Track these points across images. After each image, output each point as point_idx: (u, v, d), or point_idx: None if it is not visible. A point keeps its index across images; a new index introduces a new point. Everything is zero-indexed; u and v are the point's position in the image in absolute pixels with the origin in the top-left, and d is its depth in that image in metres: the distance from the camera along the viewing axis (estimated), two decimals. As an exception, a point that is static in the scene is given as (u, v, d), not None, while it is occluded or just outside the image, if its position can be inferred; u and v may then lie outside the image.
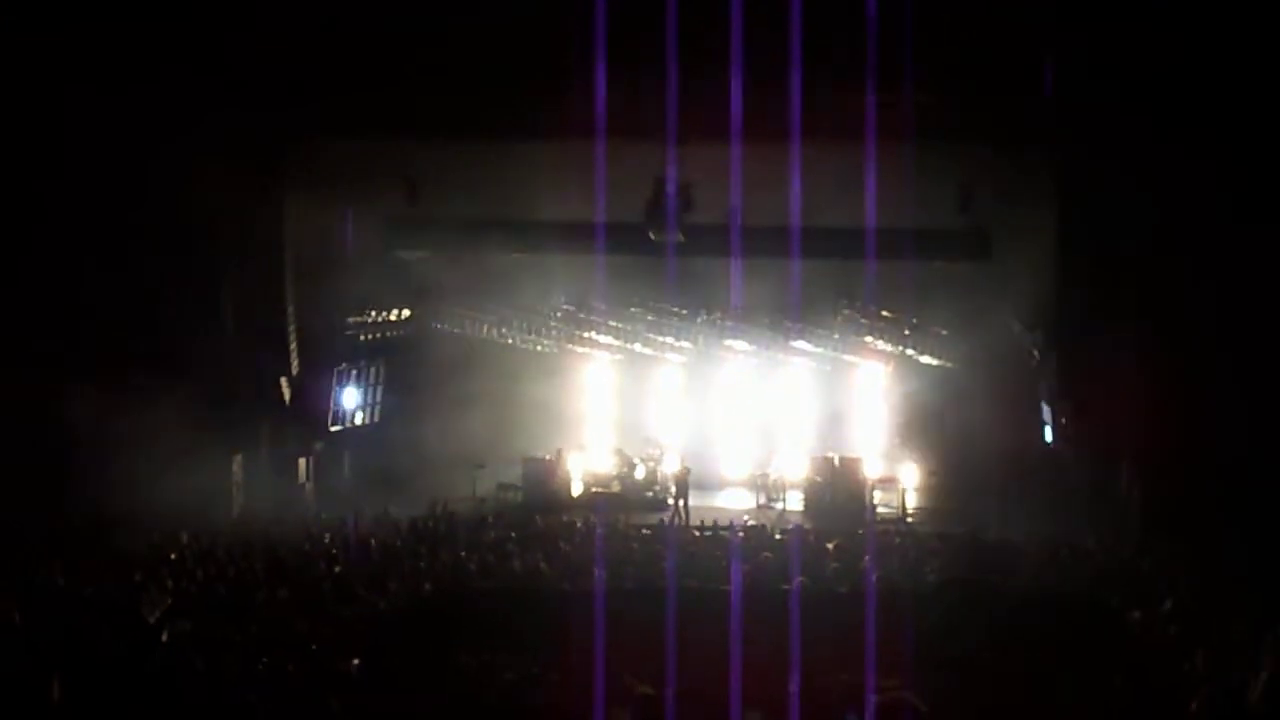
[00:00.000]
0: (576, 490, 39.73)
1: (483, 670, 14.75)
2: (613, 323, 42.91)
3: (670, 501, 38.00)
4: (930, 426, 40.50)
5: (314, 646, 16.88)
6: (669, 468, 39.70)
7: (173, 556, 26.09)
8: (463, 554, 27.32)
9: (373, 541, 28.36)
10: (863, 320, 41.68)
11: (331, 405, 39.37)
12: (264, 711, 11.82)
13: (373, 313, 40.57)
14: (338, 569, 24.59)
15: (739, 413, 43.60)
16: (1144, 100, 30.94)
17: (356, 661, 15.40)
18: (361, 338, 40.45)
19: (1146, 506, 32.15)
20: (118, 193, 31.10)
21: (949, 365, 41.07)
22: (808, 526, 33.93)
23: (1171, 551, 27.11)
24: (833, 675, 13.29)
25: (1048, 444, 37.10)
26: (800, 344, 42.75)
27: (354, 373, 40.63)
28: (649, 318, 42.84)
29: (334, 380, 39.42)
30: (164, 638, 14.03)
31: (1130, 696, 14.18)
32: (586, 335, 43.28)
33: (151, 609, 15.65)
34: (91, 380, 30.17)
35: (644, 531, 31.77)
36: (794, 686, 12.56)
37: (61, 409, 30.54)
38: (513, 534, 30.56)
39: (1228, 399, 30.69)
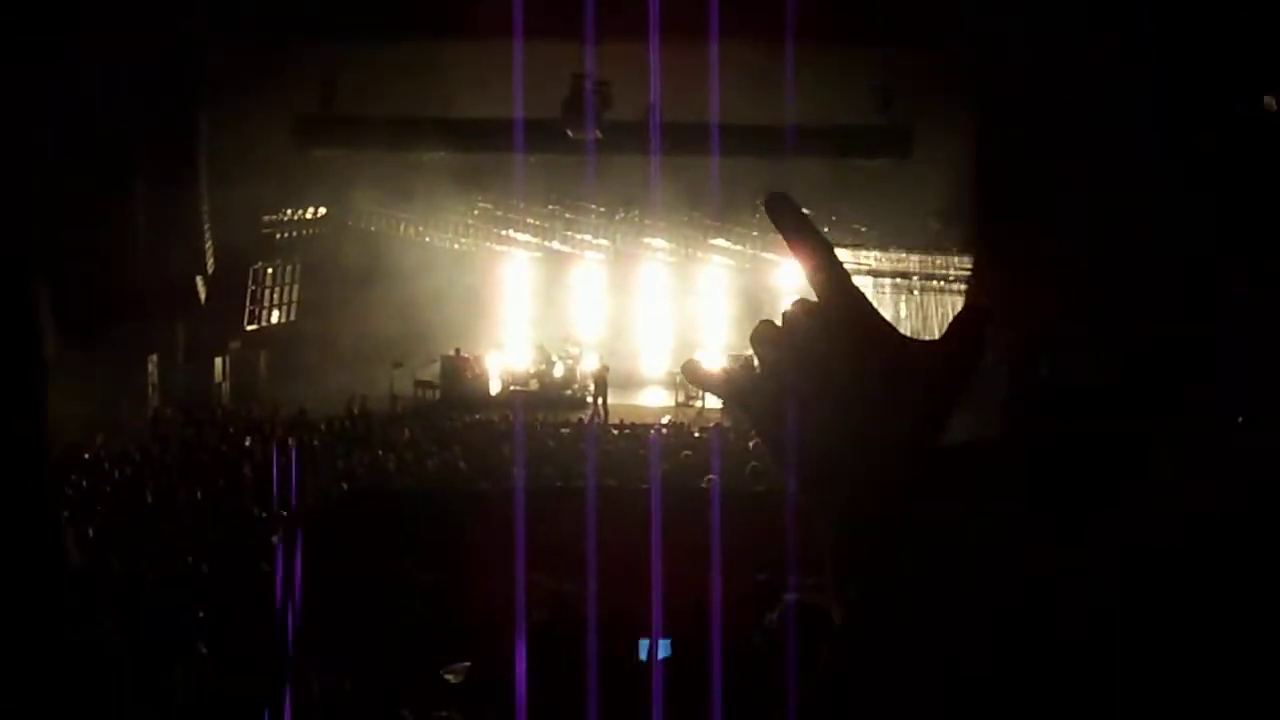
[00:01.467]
0: (495, 389, 39.60)
1: (401, 571, 14.71)
2: (531, 220, 42.75)
3: (589, 400, 37.99)
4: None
5: (231, 549, 16.81)
6: (588, 366, 39.63)
7: (86, 456, 25.95)
8: (380, 453, 27.29)
9: (290, 441, 28.27)
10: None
11: (247, 303, 39.15)
12: (180, 615, 11.74)
13: (288, 211, 40.28)
14: (254, 470, 24.51)
15: (658, 311, 43.55)
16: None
17: (270, 565, 15.32)
18: (277, 236, 40.19)
19: (1049, 392, 32.34)
20: (27, 94, 30.69)
21: (869, 264, 41.12)
22: (727, 425, 34.00)
23: (1076, 432, 27.35)
24: (750, 576, 13.31)
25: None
26: (719, 241, 42.72)
27: (270, 271, 40.37)
28: (567, 215, 42.71)
29: (250, 279, 39.16)
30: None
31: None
32: (505, 233, 43.10)
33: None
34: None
35: (563, 430, 31.81)
36: (714, 587, 12.55)
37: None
38: (430, 433, 30.53)
39: (1142, 289, 30.84)
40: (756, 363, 1.91)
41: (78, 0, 30.39)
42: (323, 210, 41.24)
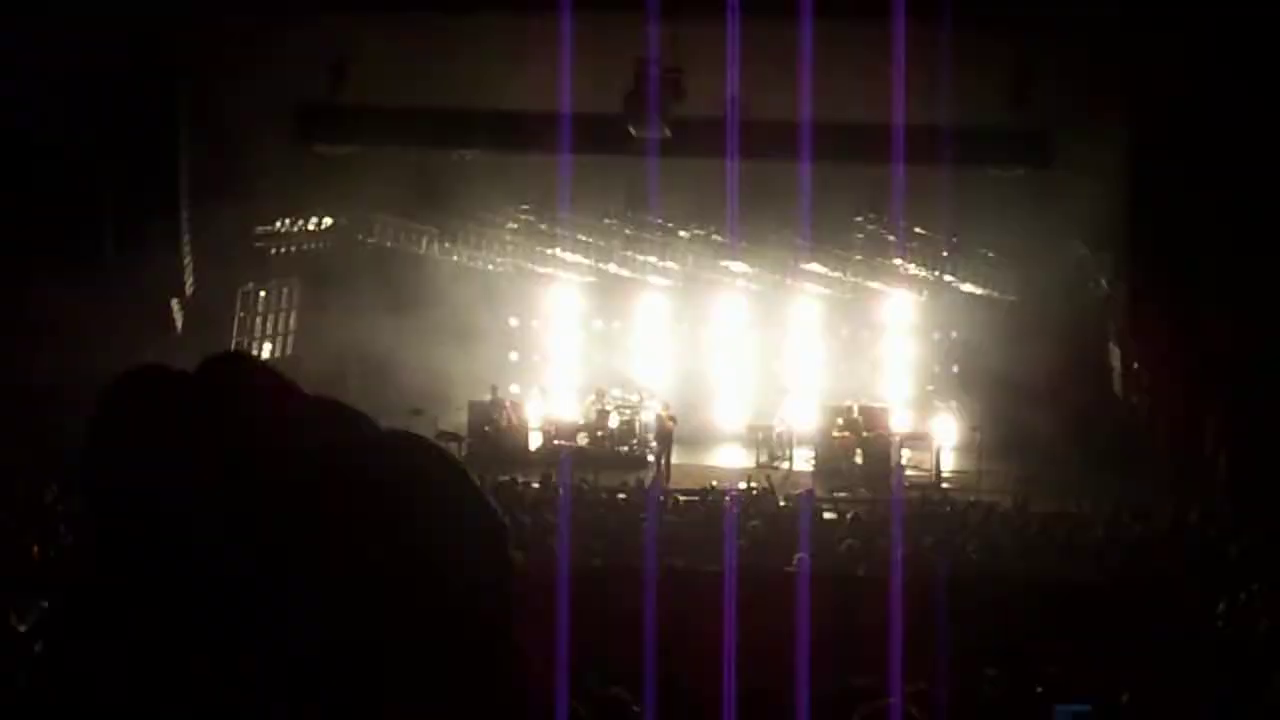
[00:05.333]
0: (535, 443, 39.65)
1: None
2: (582, 237, 42.69)
3: (651, 459, 38.02)
4: (972, 371, 40.42)
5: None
6: (650, 417, 39.63)
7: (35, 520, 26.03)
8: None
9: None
10: (890, 238, 41.56)
11: (234, 333, 39.28)
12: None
13: (286, 222, 40.38)
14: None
15: (737, 350, 43.40)
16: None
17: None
18: (272, 251, 40.30)
19: (1237, 474, 32.02)
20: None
21: (996, 296, 41.03)
22: (819, 492, 33.99)
23: (1268, 530, 27.13)
24: (845, 678, 13.30)
25: (1116, 395, 37.15)
26: (813, 267, 42.62)
27: (263, 294, 40.52)
28: (627, 231, 42.64)
29: (238, 303, 39.32)
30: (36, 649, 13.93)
31: (1217, 706, 14.24)
32: (550, 252, 43.07)
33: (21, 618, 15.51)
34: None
35: (618, 496, 31.82)
36: (801, 692, 12.57)
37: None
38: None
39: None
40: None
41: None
42: (328, 221, 41.32)
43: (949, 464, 38.77)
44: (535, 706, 2.77)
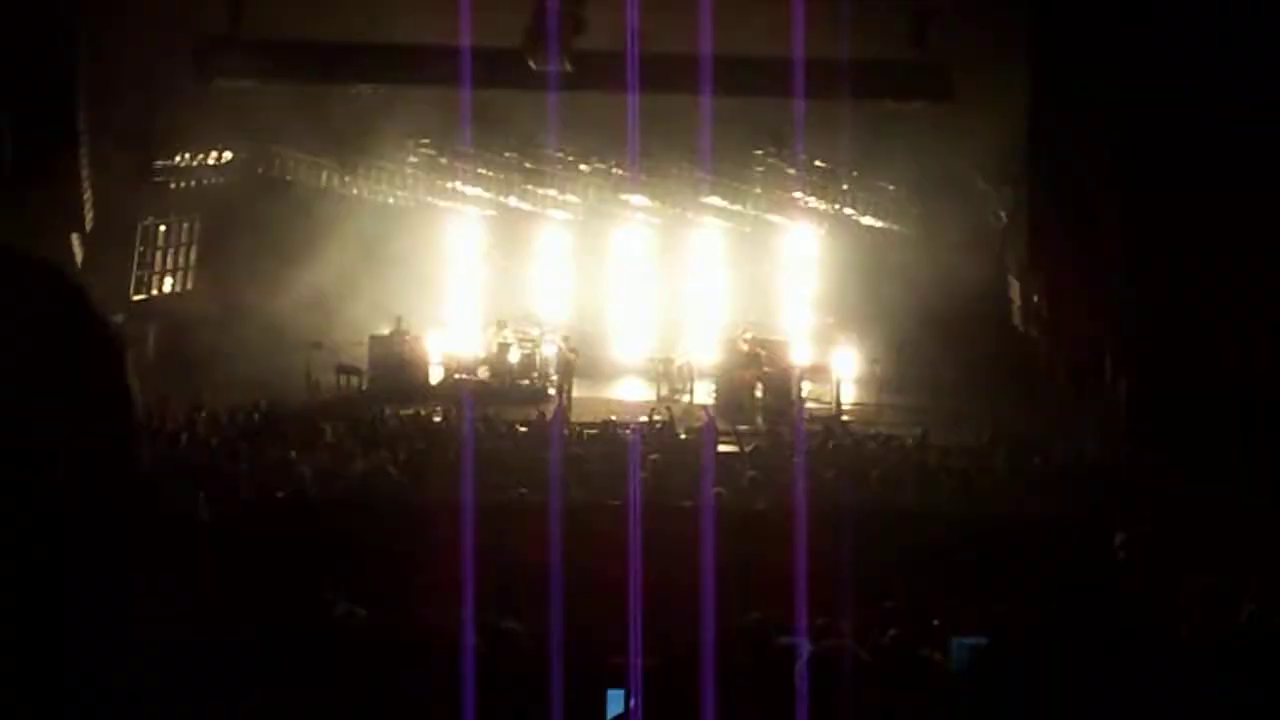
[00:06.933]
0: (435, 377, 39.48)
1: (311, 597, 14.62)
2: (482, 171, 42.53)
3: (552, 393, 37.91)
4: (873, 304, 40.35)
5: (109, 569, 16.72)
6: (550, 351, 39.51)
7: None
8: (293, 454, 27.25)
9: (183, 437, 28.23)
10: (790, 171, 41.50)
11: (134, 268, 38.97)
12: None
13: (186, 156, 40.04)
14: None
15: (638, 284, 43.27)
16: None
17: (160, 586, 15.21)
18: (172, 186, 39.96)
19: (1135, 406, 32.12)
20: None
21: (897, 229, 41.03)
22: (720, 425, 33.97)
23: (1165, 461, 27.27)
24: (744, 614, 13.29)
25: (1016, 327, 37.22)
26: (713, 200, 42.54)
27: (162, 229, 40.20)
28: (527, 165, 42.51)
29: (138, 237, 39.00)
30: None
31: (1111, 631, 14.28)
32: (450, 186, 42.89)
33: None
34: None
35: (520, 429, 31.79)
36: (706, 626, 12.55)
37: None
38: (355, 431, 30.51)
39: (1240, 271, 30.64)
40: None
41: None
42: (228, 155, 41.01)
43: (849, 397, 38.78)
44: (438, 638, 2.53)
